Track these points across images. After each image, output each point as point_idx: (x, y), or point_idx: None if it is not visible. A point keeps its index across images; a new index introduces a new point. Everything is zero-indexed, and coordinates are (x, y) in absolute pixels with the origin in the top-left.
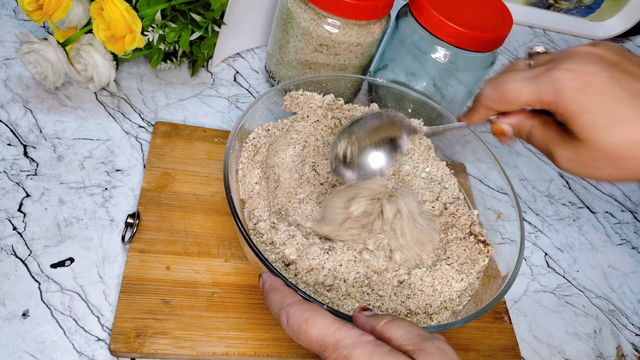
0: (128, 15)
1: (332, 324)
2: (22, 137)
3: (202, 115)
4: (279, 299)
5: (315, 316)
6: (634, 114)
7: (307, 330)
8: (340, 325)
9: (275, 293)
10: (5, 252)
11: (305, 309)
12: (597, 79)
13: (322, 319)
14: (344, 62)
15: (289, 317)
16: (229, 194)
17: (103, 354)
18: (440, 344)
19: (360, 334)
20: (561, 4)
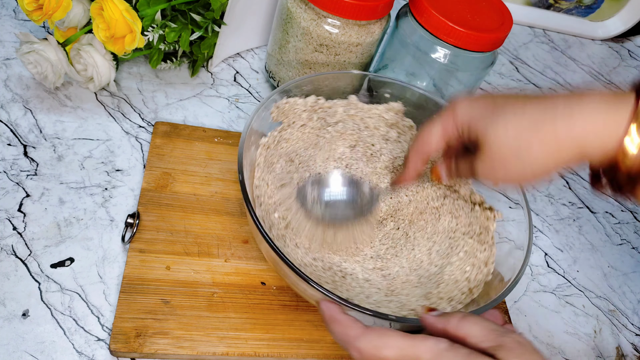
0: (128, 15)
1: (404, 342)
2: (22, 137)
3: (202, 115)
4: (343, 332)
5: (387, 341)
6: (517, 108)
7: (384, 358)
8: (413, 341)
9: (336, 325)
10: (5, 252)
11: (373, 337)
12: (481, 98)
13: (394, 341)
14: (344, 62)
15: (362, 351)
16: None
17: (103, 354)
18: (517, 337)
19: (434, 343)
20: (561, 4)
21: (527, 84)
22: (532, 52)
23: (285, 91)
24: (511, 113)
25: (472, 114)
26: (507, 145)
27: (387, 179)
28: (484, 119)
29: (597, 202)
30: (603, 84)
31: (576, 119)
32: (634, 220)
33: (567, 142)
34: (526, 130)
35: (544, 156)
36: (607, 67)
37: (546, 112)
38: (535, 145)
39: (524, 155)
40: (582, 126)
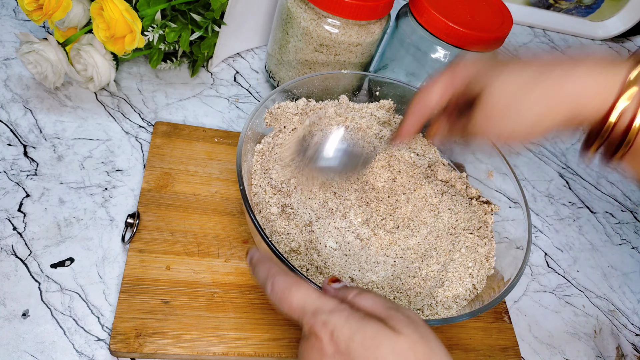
0: (128, 15)
1: (313, 292)
2: (22, 137)
3: (202, 115)
4: (266, 269)
5: (298, 285)
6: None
7: (289, 297)
8: (320, 295)
9: (263, 264)
10: (5, 252)
11: (290, 278)
12: (485, 56)
13: (305, 288)
14: (344, 62)
15: (274, 284)
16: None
17: (103, 354)
18: (407, 312)
19: (338, 302)
20: (561, 4)
21: None
22: (532, 52)
23: (285, 91)
24: (511, 70)
25: (475, 70)
26: (504, 100)
27: (384, 178)
28: (486, 74)
29: (597, 202)
30: None
31: (570, 80)
32: (634, 220)
33: (560, 102)
34: (522, 88)
35: (536, 113)
36: None
37: (543, 73)
38: (528, 102)
39: (518, 110)
40: (574, 88)
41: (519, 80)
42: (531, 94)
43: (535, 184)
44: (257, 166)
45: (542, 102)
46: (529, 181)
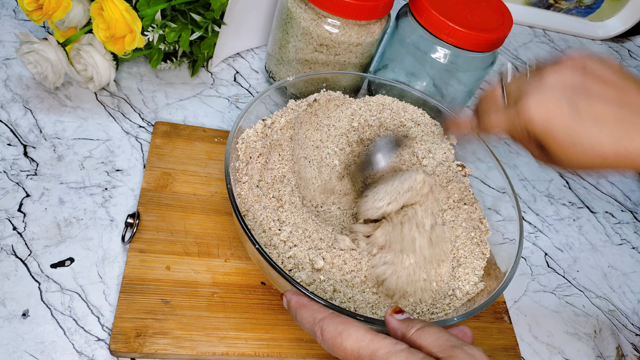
0: (128, 15)
1: (365, 335)
2: (22, 137)
3: (202, 115)
4: (310, 316)
5: (349, 329)
6: (591, 139)
7: (342, 344)
8: (373, 337)
9: (305, 310)
10: (5, 252)
11: (338, 323)
12: (557, 111)
13: (356, 331)
14: (344, 62)
15: (324, 332)
16: (233, 201)
17: (103, 354)
18: (469, 350)
19: (393, 343)
20: (561, 4)
21: None
22: (532, 52)
23: (280, 88)
24: (588, 146)
25: (549, 131)
26: (575, 167)
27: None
28: (560, 142)
29: (597, 202)
30: None
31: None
32: (634, 220)
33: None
34: (596, 164)
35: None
36: None
37: (619, 153)
38: (602, 170)
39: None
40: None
41: (595, 149)
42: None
43: (535, 184)
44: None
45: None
46: (529, 181)
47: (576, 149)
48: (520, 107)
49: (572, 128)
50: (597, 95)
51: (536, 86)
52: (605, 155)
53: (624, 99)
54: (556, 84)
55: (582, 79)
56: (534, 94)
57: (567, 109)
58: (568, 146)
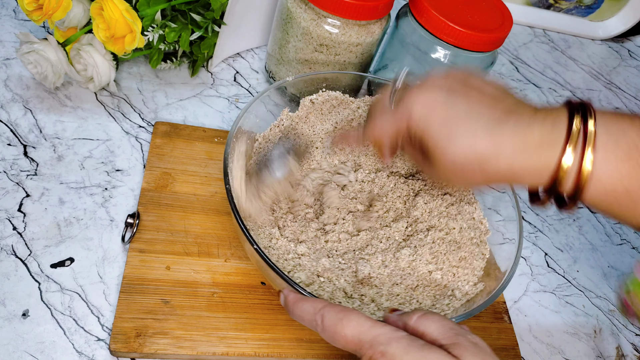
0: (128, 15)
1: (365, 322)
2: (22, 137)
3: (202, 115)
4: (311, 306)
5: (349, 315)
6: (466, 132)
7: (343, 330)
8: (374, 323)
9: (304, 302)
10: (5, 252)
11: (339, 310)
12: (435, 105)
13: (356, 317)
14: (344, 62)
15: (324, 320)
16: (231, 199)
17: (103, 354)
18: (473, 338)
19: (394, 329)
20: (561, 4)
21: (527, 84)
22: (532, 52)
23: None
24: (463, 137)
25: (428, 128)
26: (451, 169)
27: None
28: (436, 137)
29: None
30: (603, 84)
31: (514, 158)
32: None
33: (507, 177)
34: (470, 162)
35: (482, 180)
36: (607, 67)
37: (492, 148)
38: (477, 175)
39: (465, 177)
40: (519, 164)
41: (469, 153)
42: (479, 168)
43: None
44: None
45: (490, 175)
46: None
47: (451, 144)
48: (401, 105)
49: (448, 121)
50: (473, 96)
51: (418, 86)
52: (478, 150)
53: (499, 101)
54: (436, 84)
55: (462, 84)
56: (415, 92)
57: (443, 104)
58: (444, 142)
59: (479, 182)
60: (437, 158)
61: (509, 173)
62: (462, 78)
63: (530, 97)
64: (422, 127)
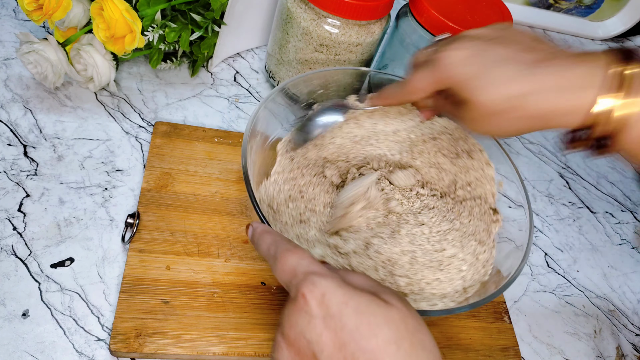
0: (128, 15)
1: (308, 257)
2: (22, 137)
3: (202, 115)
4: (270, 237)
5: (295, 249)
6: (502, 74)
7: (284, 259)
8: (315, 260)
9: (267, 235)
10: (5, 252)
11: (290, 244)
12: (474, 52)
13: (301, 252)
14: (344, 62)
15: (277, 248)
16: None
17: (103, 354)
18: (395, 292)
19: (331, 269)
20: (561, 4)
21: None
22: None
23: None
24: (501, 79)
25: (466, 73)
26: (489, 113)
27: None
28: (474, 81)
29: (597, 202)
30: None
31: (548, 98)
32: (634, 220)
33: (543, 119)
34: (507, 104)
35: (518, 125)
36: None
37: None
38: (512, 119)
39: (500, 123)
40: (556, 105)
41: (503, 94)
42: (514, 111)
43: (535, 184)
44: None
45: (524, 119)
46: (529, 181)
47: (489, 87)
48: (440, 55)
49: (486, 66)
50: (512, 42)
51: (456, 37)
52: (516, 90)
53: (538, 46)
54: (474, 34)
55: (500, 34)
56: (453, 42)
57: (482, 51)
58: (482, 86)
59: (514, 128)
60: (474, 104)
61: (545, 114)
62: (501, 28)
63: None
64: (460, 73)
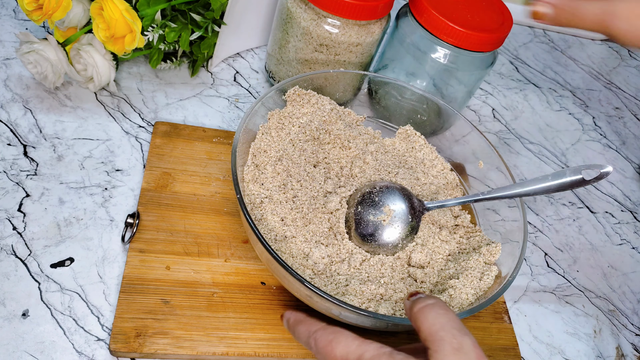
0: (128, 15)
1: (353, 341)
2: (22, 137)
3: (202, 115)
4: (306, 329)
5: (339, 337)
6: None
7: (333, 351)
8: (361, 342)
9: (301, 325)
10: (5, 252)
11: (329, 332)
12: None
13: (345, 338)
14: (343, 62)
15: (317, 342)
16: (240, 198)
17: (103, 354)
18: (459, 338)
19: (378, 347)
20: None
21: (527, 84)
22: (532, 52)
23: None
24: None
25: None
26: None
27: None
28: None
29: (597, 202)
30: (603, 84)
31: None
32: (634, 220)
33: None
34: None
35: None
36: (607, 67)
37: None
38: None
39: None
40: None
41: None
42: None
43: None
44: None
45: None
46: None
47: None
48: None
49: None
50: None
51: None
52: None
53: None
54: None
55: None
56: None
57: None
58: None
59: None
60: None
61: None
62: None
63: (530, 97)
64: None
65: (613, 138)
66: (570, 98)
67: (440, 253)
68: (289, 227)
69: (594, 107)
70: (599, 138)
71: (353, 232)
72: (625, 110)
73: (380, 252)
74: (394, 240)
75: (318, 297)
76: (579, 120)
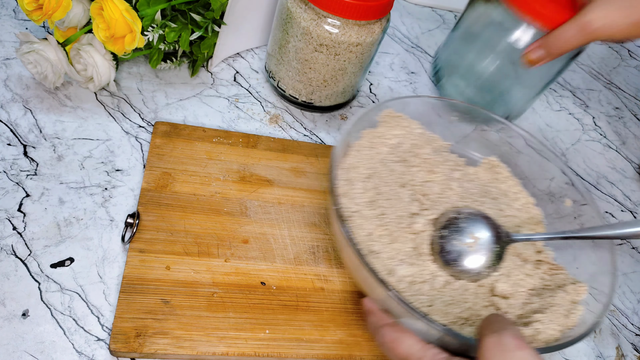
0: (128, 15)
1: (417, 343)
2: (22, 137)
3: (202, 115)
4: (376, 321)
5: (403, 337)
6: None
7: (397, 348)
8: (423, 346)
9: (372, 316)
10: (5, 252)
11: (396, 330)
12: (617, 19)
13: (408, 339)
14: (343, 62)
15: (385, 334)
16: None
17: (103, 354)
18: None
19: (439, 352)
20: None
21: None
22: None
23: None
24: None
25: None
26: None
27: None
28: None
29: (597, 202)
30: (603, 84)
31: None
32: None
33: None
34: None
35: None
36: (607, 67)
37: None
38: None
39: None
40: None
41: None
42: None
43: (535, 183)
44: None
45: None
46: (530, 180)
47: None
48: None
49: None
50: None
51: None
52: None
53: None
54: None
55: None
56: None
57: (624, 15)
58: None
59: None
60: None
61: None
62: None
63: None
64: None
65: (613, 138)
66: (570, 98)
67: (524, 286)
68: (375, 242)
69: (594, 107)
70: (599, 138)
71: (437, 255)
72: (625, 110)
73: (462, 278)
74: (479, 267)
75: (406, 311)
76: (579, 120)
